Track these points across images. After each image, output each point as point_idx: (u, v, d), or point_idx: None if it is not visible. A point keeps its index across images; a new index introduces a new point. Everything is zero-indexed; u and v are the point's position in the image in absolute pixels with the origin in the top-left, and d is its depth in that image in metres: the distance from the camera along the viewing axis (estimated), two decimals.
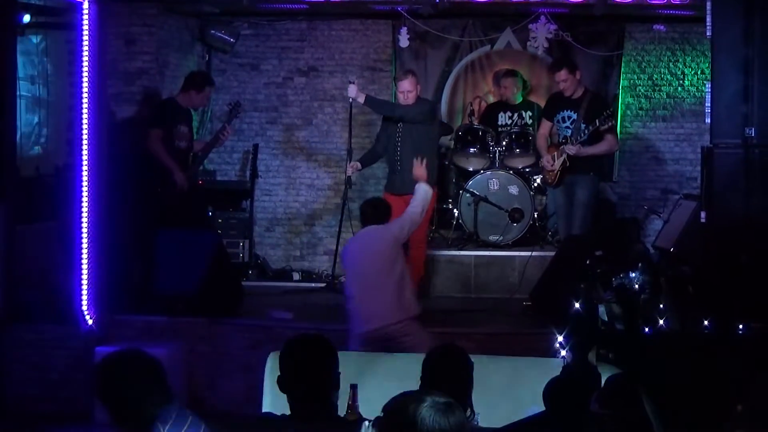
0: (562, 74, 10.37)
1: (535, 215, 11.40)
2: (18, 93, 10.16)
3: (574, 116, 10.39)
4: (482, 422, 5.63)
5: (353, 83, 10.60)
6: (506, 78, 12.34)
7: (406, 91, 10.30)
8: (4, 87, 9.51)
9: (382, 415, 3.27)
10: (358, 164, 10.84)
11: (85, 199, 9.37)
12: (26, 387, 9.45)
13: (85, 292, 9.44)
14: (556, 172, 10.55)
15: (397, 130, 10.44)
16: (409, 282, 8.34)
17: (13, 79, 9.83)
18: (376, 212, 8.32)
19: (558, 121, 10.61)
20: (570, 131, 10.44)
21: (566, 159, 10.42)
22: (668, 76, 12.75)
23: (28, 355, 9.54)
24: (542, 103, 11.59)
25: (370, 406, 4.77)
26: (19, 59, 10.51)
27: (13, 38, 9.88)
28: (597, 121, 10.22)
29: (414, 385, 5.11)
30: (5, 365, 9.48)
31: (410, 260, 9.55)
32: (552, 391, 4.93)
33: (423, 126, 10.40)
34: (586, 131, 10.28)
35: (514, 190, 11.39)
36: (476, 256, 11.13)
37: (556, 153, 10.55)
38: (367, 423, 4.44)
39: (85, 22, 9.36)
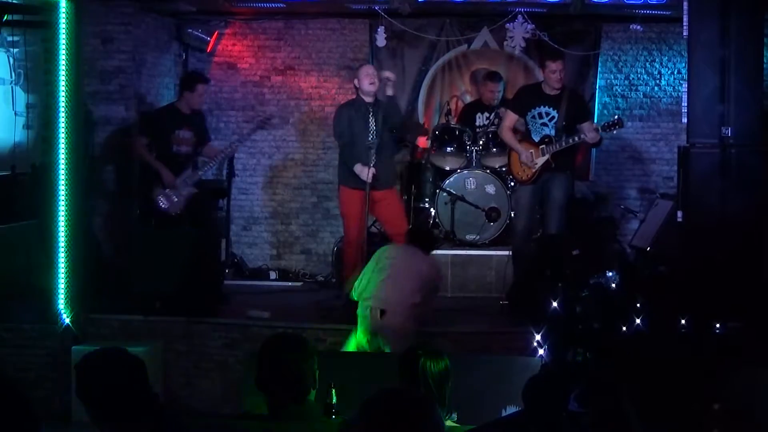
0: (559, 64, 9.99)
1: (512, 214, 11.26)
2: None
3: (555, 114, 10.02)
4: (459, 421, 5.64)
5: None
6: (491, 82, 12.19)
7: None
8: None
9: (361, 411, 3.25)
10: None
11: (62, 197, 9.34)
12: None
13: (62, 291, 9.41)
14: (535, 171, 10.11)
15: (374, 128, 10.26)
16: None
17: None
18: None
19: (533, 117, 10.14)
20: (552, 130, 10.03)
21: (550, 159, 10.01)
22: (645, 76, 12.79)
23: (5, 353, 9.51)
24: None
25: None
26: None
27: None
28: (604, 124, 10.07)
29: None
30: None
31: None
32: (531, 389, 4.94)
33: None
34: (575, 139, 9.93)
35: (491, 189, 11.39)
36: (453, 256, 11.12)
37: (534, 150, 10.06)
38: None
39: (62, 20, 9.34)
